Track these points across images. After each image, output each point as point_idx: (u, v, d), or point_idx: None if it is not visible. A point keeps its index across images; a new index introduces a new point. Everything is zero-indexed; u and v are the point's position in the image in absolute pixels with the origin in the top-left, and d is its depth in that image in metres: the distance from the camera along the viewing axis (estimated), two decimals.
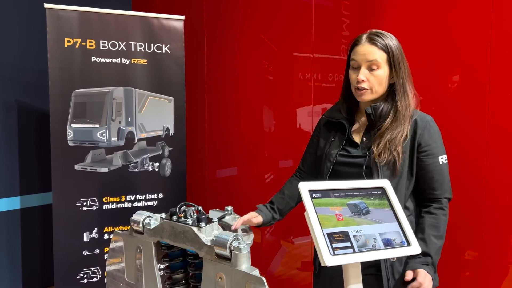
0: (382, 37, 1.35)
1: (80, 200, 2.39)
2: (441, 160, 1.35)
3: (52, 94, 2.32)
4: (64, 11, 2.33)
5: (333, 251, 0.79)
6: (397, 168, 1.30)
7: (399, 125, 1.34)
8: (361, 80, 1.34)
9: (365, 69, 1.34)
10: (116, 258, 1.50)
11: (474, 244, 1.89)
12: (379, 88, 1.35)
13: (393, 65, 1.34)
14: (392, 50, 1.34)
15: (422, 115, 1.38)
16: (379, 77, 1.34)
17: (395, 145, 1.31)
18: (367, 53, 1.34)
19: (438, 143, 1.36)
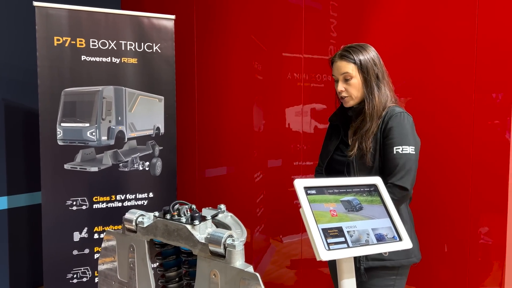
0: (351, 51, 1.57)
1: (70, 199, 2.37)
2: (396, 150, 1.45)
3: (41, 93, 2.30)
4: (54, 10, 2.31)
5: (328, 246, 0.82)
6: (367, 161, 1.48)
7: (367, 122, 1.52)
8: (340, 91, 1.58)
9: (342, 82, 1.58)
10: (109, 257, 1.50)
11: (460, 242, 1.94)
12: (357, 94, 1.56)
13: (362, 73, 1.55)
14: (360, 60, 1.55)
15: (392, 110, 1.52)
16: (354, 85, 1.56)
17: (364, 139, 1.50)
18: (339, 68, 1.58)
19: (399, 134, 1.47)
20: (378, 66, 1.57)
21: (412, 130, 1.50)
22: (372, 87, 1.55)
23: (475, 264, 1.89)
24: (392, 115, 1.50)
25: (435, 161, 1.98)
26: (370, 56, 1.57)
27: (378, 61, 1.58)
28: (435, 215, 1.99)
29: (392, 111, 1.52)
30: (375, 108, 1.53)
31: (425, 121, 2.01)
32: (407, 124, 1.48)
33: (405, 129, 1.47)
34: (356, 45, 1.60)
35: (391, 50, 2.10)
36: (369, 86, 1.55)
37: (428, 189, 2.00)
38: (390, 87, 1.60)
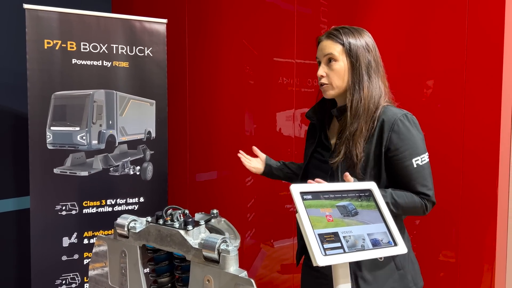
0: (341, 31, 1.33)
1: (59, 204, 2.34)
2: (415, 162, 1.25)
3: (31, 96, 2.27)
4: (44, 12, 2.29)
5: (325, 252, 0.82)
6: (356, 171, 1.25)
7: (354, 122, 1.27)
8: (320, 76, 1.33)
9: (324, 64, 1.33)
10: (99, 263, 1.48)
11: (450, 245, 1.96)
12: (339, 82, 1.31)
13: (350, 57, 1.30)
14: (350, 41, 1.30)
15: (391, 112, 1.28)
16: (337, 70, 1.31)
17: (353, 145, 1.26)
18: (324, 48, 1.33)
19: (410, 144, 1.25)
20: (372, 53, 1.32)
21: (420, 132, 1.30)
22: (361, 75, 1.28)
23: (466, 268, 1.91)
24: (395, 120, 1.25)
25: None
26: (364, 40, 1.32)
27: (373, 48, 1.33)
28: (426, 218, 2.01)
29: (390, 114, 1.27)
30: (363, 102, 1.26)
31: None
32: (414, 127, 1.28)
33: (415, 133, 1.27)
34: (348, 26, 1.35)
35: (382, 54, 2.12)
36: (356, 74, 1.29)
37: None
38: (385, 83, 1.35)
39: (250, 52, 2.74)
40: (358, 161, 1.25)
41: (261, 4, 2.66)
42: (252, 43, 2.73)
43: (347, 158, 1.27)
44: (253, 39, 2.72)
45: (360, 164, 1.25)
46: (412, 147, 1.25)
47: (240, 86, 2.81)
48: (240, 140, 2.84)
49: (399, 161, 1.25)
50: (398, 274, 1.31)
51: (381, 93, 1.31)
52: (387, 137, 1.25)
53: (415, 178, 1.25)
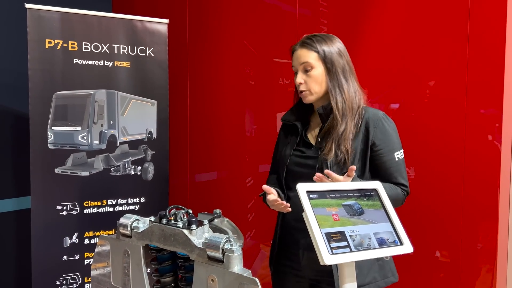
0: (314, 39, 1.41)
1: (60, 204, 2.33)
2: (396, 156, 1.39)
3: (32, 96, 2.27)
4: (46, 12, 2.29)
5: (332, 251, 0.82)
6: (347, 166, 1.32)
7: (342, 122, 1.37)
8: (299, 83, 1.41)
9: (301, 72, 1.41)
10: (102, 263, 1.48)
11: (450, 245, 1.96)
12: (317, 88, 1.40)
13: (325, 64, 1.39)
14: (324, 49, 1.39)
15: (374, 112, 1.41)
16: (314, 77, 1.39)
17: (342, 143, 1.35)
18: (299, 57, 1.41)
19: (393, 139, 1.40)
20: (345, 58, 1.42)
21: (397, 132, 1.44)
22: (339, 79, 1.39)
23: (467, 268, 1.91)
24: (379, 118, 1.39)
25: (427, 167, 2.00)
26: (336, 46, 1.41)
27: (345, 53, 1.43)
28: (427, 220, 2.01)
29: (374, 113, 1.40)
30: (346, 103, 1.37)
31: (417, 128, 2.03)
32: (394, 127, 1.43)
33: (395, 132, 1.43)
34: (320, 34, 1.44)
35: (382, 55, 2.13)
36: (334, 78, 1.39)
37: (420, 195, 2.02)
38: (358, 83, 1.45)
39: (250, 53, 2.74)
40: (348, 157, 1.34)
41: (261, 5, 2.66)
42: (252, 43, 2.73)
43: (337, 155, 1.35)
44: (254, 39, 2.72)
45: (350, 158, 1.35)
46: (393, 142, 1.40)
47: (240, 86, 2.81)
48: (240, 141, 2.84)
49: (383, 155, 1.38)
50: (377, 265, 1.40)
51: (360, 94, 1.43)
52: (373, 133, 1.37)
53: (396, 170, 1.39)
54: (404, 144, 2.03)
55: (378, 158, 1.39)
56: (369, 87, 2.23)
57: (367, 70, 2.18)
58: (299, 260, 1.49)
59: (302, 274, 1.50)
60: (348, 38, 2.29)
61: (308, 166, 1.43)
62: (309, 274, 1.47)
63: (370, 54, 2.17)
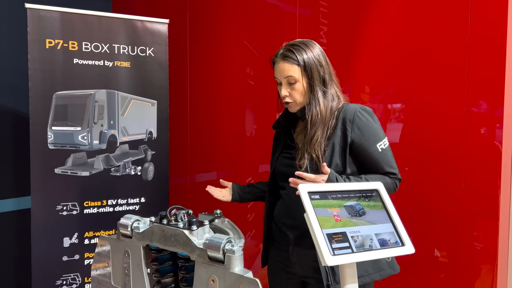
0: (295, 50, 1.45)
1: (60, 204, 2.33)
2: (379, 147, 1.41)
3: (32, 96, 2.27)
4: (46, 12, 2.28)
5: (333, 251, 0.82)
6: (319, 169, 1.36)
7: (312, 130, 1.42)
8: (284, 95, 1.47)
9: (285, 85, 1.47)
10: (102, 263, 1.47)
11: (451, 245, 1.96)
12: (301, 99, 1.46)
13: (307, 75, 1.44)
14: (304, 61, 1.43)
15: (350, 108, 1.43)
16: (298, 89, 1.45)
17: (313, 149, 1.40)
18: (282, 70, 1.45)
19: (372, 131, 1.41)
20: (324, 67, 1.46)
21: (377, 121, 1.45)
22: (316, 91, 1.44)
23: (468, 268, 1.91)
24: (354, 114, 1.41)
25: (428, 167, 2.00)
26: (315, 55, 1.45)
27: (324, 60, 1.47)
28: (428, 220, 2.01)
29: (351, 108, 1.43)
30: (319, 115, 1.43)
31: (417, 128, 2.03)
32: (372, 117, 1.44)
33: (375, 123, 1.43)
34: (299, 42, 1.48)
35: (382, 55, 2.13)
36: (313, 90, 1.44)
37: (420, 195, 2.02)
38: (339, 87, 1.50)
39: (251, 53, 2.74)
40: (320, 161, 1.38)
41: (262, 5, 2.66)
42: (253, 43, 2.73)
43: (310, 159, 1.41)
44: (254, 39, 2.72)
45: (321, 161, 1.38)
46: (373, 134, 1.41)
47: (241, 86, 2.80)
48: (240, 141, 2.84)
49: (365, 149, 1.40)
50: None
51: (337, 100, 1.47)
52: (350, 130, 1.40)
53: (382, 161, 1.41)
54: (404, 144, 2.03)
55: (361, 152, 1.41)
56: (369, 87, 2.23)
57: (367, 70, 2.18)
58: (290, 256, 1.51)
59: (293, 271, 1.52)
60: (348, 38, 2.29)
61: (293, 166, 1.47)
62: (300, 271, 1.50)
63: (370, 53, 2.16)
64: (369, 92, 2.19)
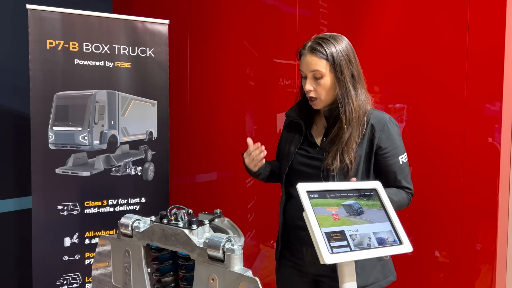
0: (324, 44, 1.39)
1: (61, 204, 2.34)
2: (401, 160, 1.40)
3: (33, 96, 2.28)
4: (47, 13, 2.29)
5: (332, 250, 0.83)
6: (350, 174, 1.34)
7: (347, 131, 1.36)
8: (308, 90, 1.41)
9: (311, 79, 1.40)
10: (103, 262, 1.48)
11: (450, 245, 1.96)
12: (326, 96, 1.40)
13: (335, 72, 1.38)
14: (334, 56, 1.37)
15: (379, 116, 1.40)
16: (324, 85, 1.39)
17: (346, 152, 1.35)
18: (309, 64, 1.40)
19: (397, 143, 1.40)
20: (353, 64, 1.41)
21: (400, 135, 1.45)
22: (347, 88, 1.38)
23: (466, 269, 1.92)
24: (385, 122, 1.39)
25: (427, 168, 2.01)
26: (344, 50, 1.40)
27: (353, 57, 1.42)
28: (427, 220, 2.02)
29: (379, 116, 1.40)
30: (354, 113, 1.37)
31: (416, 128, 2.04)
32: (399, 130, 1.44)
33: (399, 135, 1.43)
34: (328, 35, 1.42)
35: (382, 56, 2.13)
36: (343, 87, 1.38)
37: (419, 195, 2.02)
38: (366, 88, 1.46)
39: (251, 54, 2.75)
40: (351, 166, 1.34)
41: (262, 6, 2.67)
42: (253, 44, 2.74)
43: (341, 162, 1.35)
44: (254, 40, 2.73)
45: (353, 166, 1.35)
46: (398, 146, 1.40)
47: (241, 87, 2.81)
48: (240, 141, 2.84)
49: (388, 158, 1.38)
50: (380, 265, 1.41)
51: (367, 100, 1.42)
52: (378, 137, 1.37)
53: (400, 174, 1.40)
54: (404, 143, 2.04)
55: (383, 162, 1.40)
56: (369, 88, 2.23)
57: (367, 71, 2.18)
58: (303, 256, 1.50)
59: (306, 270, 1.51)
60: (348, 39, 2.29)
61: (313, 167, 1.43)
62: (313, 271, 1.49)
63: (370, 54, 2.17)
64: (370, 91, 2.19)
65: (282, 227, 1.59)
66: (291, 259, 1.57)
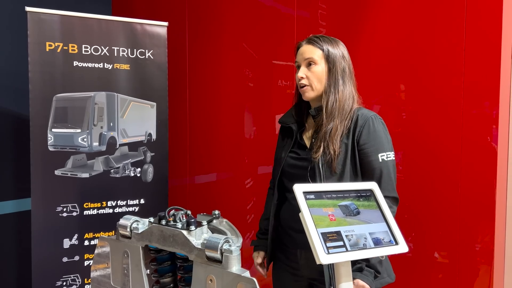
0: (321, 38, 1.45)
1: (60, 206, 2.35)
2: (381, 157, 1.36)
3: (33, 98, 2.28)
4: (46, 15, 2.30)
5: (328, 250, 0.83)
6: (334, 165, 1.34)
7: (331, 121, 1.38)
8: (300, 77, 1.43)
9: (304, 67, 1.44)
10: (102, 264, 1.49)
11: (448, 246, 1.97)
12: (318, 84, 1.42)
13: (328, 63, 1.42)
14: (328, 48, 1.43)
15: (364, 112, 1.41)
16: (316, 73, 1.42)
17: (330, 141, 1.36)
18: (304, 52, 1.45)
19: (378, 140, 1.37)
20: (346, 61, 1.45)
21: (388, 133, 1.43)
22: (336, 79, 1.41)
23: (465, 269, 1.93)
24: (368, 118, 1.39)
25: (424, 169, 2.02)
26: (340, 49, 1.45)
27: (347, 56, 1.47)
28: (425, 221, 2.02)
29: (364, 113, 1.41)
30: (336, 104, 1.39)
31: (413, 129, 2.05)
32: (384, 128, 1.42)
33: (384, 133, 1.41)
34: (327, 36, 1.48)
35: (380, 57, 2.14)
36: (333, 77, 1.41)
37: (417, 196, 2.03)
38: (356, 88, 1.48)
39: (249, 55, 2.76)
40: (335, 156, 1.35)
41: (261, 8, 2.68)
42: (251, 46, 2.75)
43: (325, 153, 1.37)
44: (253, 42, 2.74)
45: (337, 159, 1.36)
46: (379, 143, 1.37)
47: (239, 88, 2.82)
48: (239, 142, 2.85)
49: (367, 154, 1.37)
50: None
51: (353, 97, 1.44)
52: (358, 132, 1.37)
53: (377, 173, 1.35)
54: (401, 145, 2.05)
55: (362, 158, 1.38)
56: (367, 89, 2.24)
57: (365, 72, 2.19)
58: (297, 259, 1.51)
59: (300, 274, 1.52)
60: (346, 40, 2.29)
61: (301, 168, 1.45)
62: (308, 274, 1.49)
63: (368, 56, 2.18)
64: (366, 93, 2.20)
65: (275, 230, 1.60)
66: (286, 262, 1.57)
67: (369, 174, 1.37)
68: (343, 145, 1.38)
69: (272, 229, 1.59)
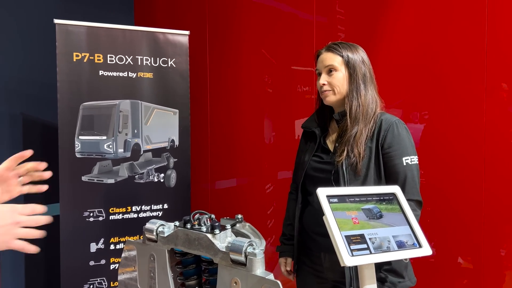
0: (340, 45, 1.48)
1: (87, 211, 2.42)
2: (405, 161, 1.37)
3: (61, 107, 2.36)
4: (73, 26, 2.39)
5: (352, 252, 0.85)
6: (358, 168, 1.36)
7: (353, 126, 1.40)
8: (322, 84, 1.47)
9: (325, 74, 1.47)
10: (129, 267, 1.52)
11: (471, 251, 1.94)
12: (340, 89, 1.45)
13: (348, 68, 1.44)
14: (348, 54, 1.45)
15: (388, 117, 1.43)
16: (338, 78, 1.45)
17: (354, 145, 1.38)
18: (325, 60, 1.48)
19: (402, 144, 1.39)
20: (367, 66, 1.47)
21: (411, 138, 1.43)
22: (358, 84, 1.43)
23: (490, 275, 1.90)
24: (392, 123, 1.41)
25: (448, 172, 2.00)
26: (359, 54, 1.47)
27: (367, 61, 1.49)
28: (448, 225, 2.00)
29: (388, 118, 1.43)
30: (361, 108, 1.41)
31: (436, 132, 2.03)
32: (407, 133, 1.43)
33: (408, 137, 1.42)
34: (346, 42, 1.51)
35: (400, 60, 2.14)
36: (354, 83, 1.43)
37: (441, 200, 2.01)
38: (377, 91, 1.50)
39: (269, 61, 2.79)
40: (360, 160, 1.37)
41: (279, 14, 2.71)
42: (270, 52, 2.78)
43: (349, 157, 1.38)
44: (272, 48, 2.77)
45: (362, 162, 1.37)
46: (403, 147, 1.39)
47: (259, 94, 2.85)
48: (259, 148, 2.88)
49: (392, 158, 1.38)
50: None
51: (376, 101, 1.46)
52: (383, 136, 1.39)
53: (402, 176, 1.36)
54: (423, 149, 2.04)
55: (386, 162, 1.40)
56: (387, 93, 2.24)
57: (384, 76, 2.19)
58: (322, 262, 1.52)
59: (325, 276, 1.53)
60: (365, 45, 2.30)
61: (325, 171, 1.47)
62: (332, 276, 1.51)
63: (387, 60, 2.18)
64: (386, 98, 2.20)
65: (299, 233, 1.61)
66: (310, 265, 1.58)
67: (393, 177, 1.39)
68: (367, 148, 1.40)
69: (297, 233, 1.61)
